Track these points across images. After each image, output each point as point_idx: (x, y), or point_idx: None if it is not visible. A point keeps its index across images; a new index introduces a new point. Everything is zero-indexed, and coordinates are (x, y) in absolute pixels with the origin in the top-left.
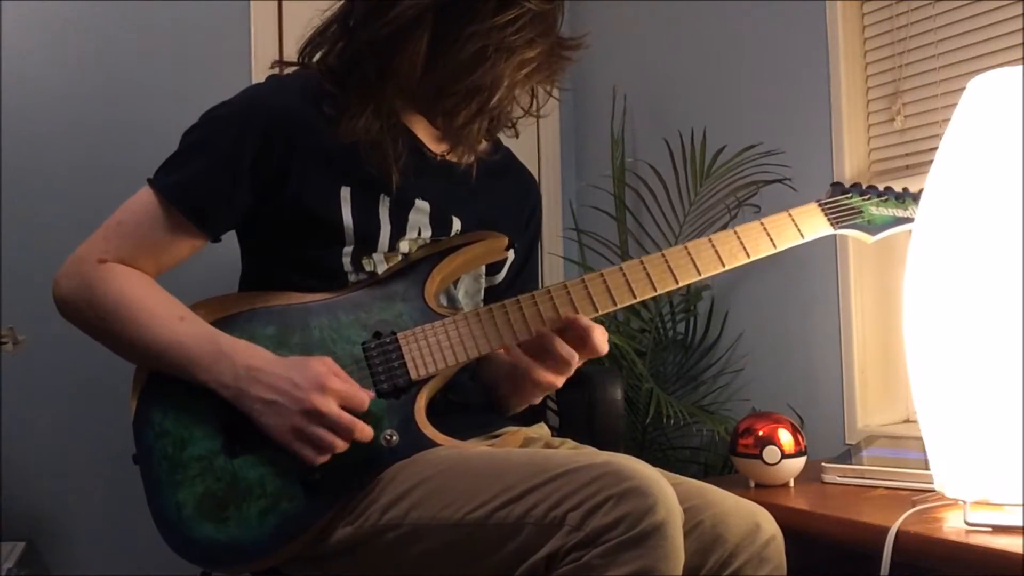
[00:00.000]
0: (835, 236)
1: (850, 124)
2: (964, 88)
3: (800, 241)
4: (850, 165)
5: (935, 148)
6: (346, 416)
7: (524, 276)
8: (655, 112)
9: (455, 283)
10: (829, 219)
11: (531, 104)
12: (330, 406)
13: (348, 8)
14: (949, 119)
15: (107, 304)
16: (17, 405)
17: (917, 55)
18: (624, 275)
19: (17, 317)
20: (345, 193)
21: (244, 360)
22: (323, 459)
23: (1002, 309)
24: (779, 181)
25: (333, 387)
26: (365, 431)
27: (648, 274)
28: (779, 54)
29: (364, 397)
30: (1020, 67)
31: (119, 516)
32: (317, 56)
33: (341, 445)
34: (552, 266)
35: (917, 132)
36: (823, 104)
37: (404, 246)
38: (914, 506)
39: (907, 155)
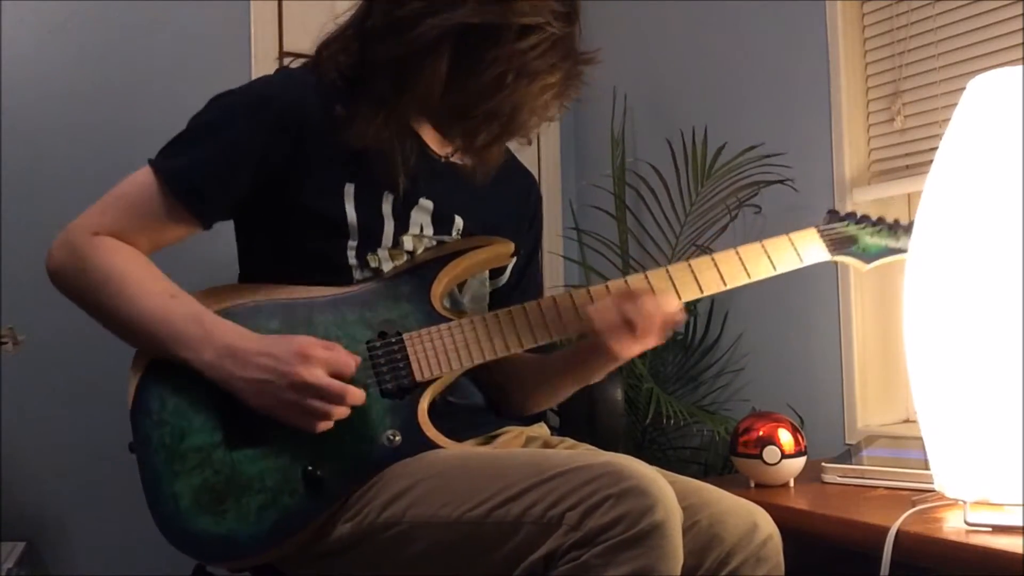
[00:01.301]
0: None
1: (850, 124)
2: (964, 88)
3: (799, 265)
4: (850, 165)
5: (935, 148)
6: (335, 383)
7: (528, 278)
8: (655, 112)
9: (460, 287)
10: (827, 246)
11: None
12: (318, 375)
13: (365, 14)
14: (949, 119)
15: (98, 275)
16: (17, 405)
17: (917, 55)
18: (628, 287)
19: (17, 317)
20: (349, 189)
21: (224, 340)
22: (324, 427)
23: (1002, 309)
24: (780, 182)
25: (317, 355)
26: (357, 395)
27: (651, 287)
28: (779, 54)
29: (350, 361)
30: (1020, 67)
31: (119, 516)
32: (331, 51)
33: (338, 412)
34: (552, 265)
35: (917, 132)
36: (823, 104)
37: (408, 242)
38: (914, 506)
39: (907, 155)
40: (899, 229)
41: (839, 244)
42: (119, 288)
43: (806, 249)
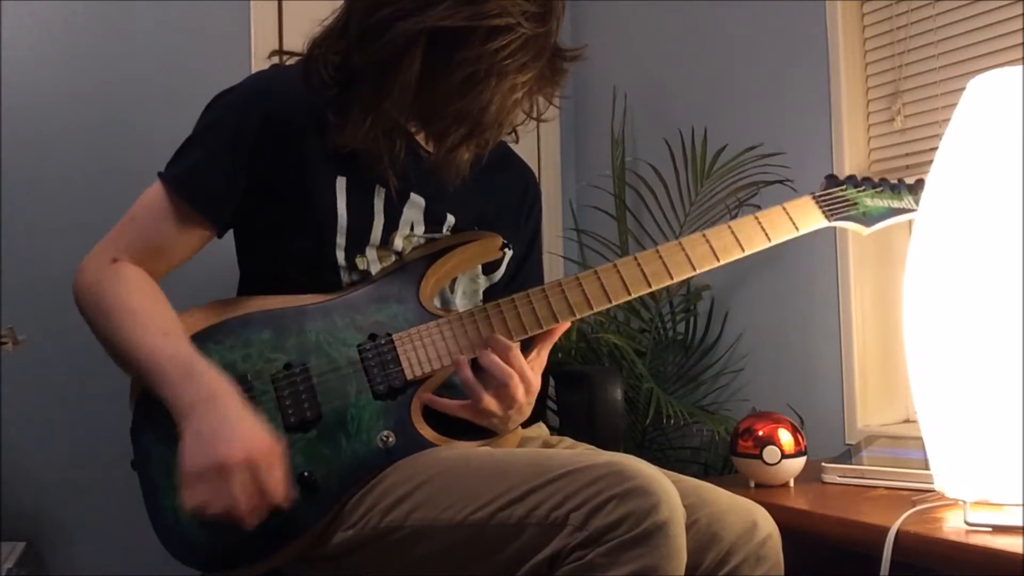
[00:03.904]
0: (835, 234)
1: (850, 124)
2: (964, 88)
3: (795, 234)
4: (850, 165)
5: (935, 148)
6: (245, 499)
7: (525, 272)
8: (655, 112)
9: (452, 285)
10: (824, 211)
11: (531, 109)
12: (237, 477)
13: (345, 20)
14: (949, 119)
15: (104, 306)
16: (17, 405)
17: (917, 55)
18: (619, 272)
19: (17, 317)
20: (341, 183)
21: (210, 387)
22: (196, 511)
23: (1002, 309)
24: (779, 182)
25: (259, 463)
26: (250, 523)
27: (642, 270)
28: (779, 54)
29: (278, 497)
30: (1020, 67)
31: (119, 516)
32: (322, 51)
33: (231, 512)
34: (552, 266)
35: (917, 132)
36: (823, 104)
37: (397, 242)
38: (914, 506)
39: (907, 155)
40: (902, 188)
41: (837, 209)
42: (120, 319)
43: (802, 217)
